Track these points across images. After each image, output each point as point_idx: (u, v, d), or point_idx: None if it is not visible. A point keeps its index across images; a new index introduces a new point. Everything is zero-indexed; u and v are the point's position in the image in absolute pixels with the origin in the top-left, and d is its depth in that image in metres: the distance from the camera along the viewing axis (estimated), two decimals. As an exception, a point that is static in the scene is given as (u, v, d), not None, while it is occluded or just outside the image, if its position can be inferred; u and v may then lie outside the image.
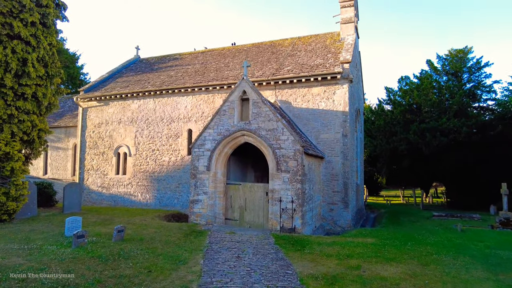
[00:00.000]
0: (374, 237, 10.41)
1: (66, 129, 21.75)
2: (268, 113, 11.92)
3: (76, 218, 9.09)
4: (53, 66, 13.87)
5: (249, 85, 12.36)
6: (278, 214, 11.39)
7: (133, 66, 23.48)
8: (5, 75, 12.01)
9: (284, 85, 15.62)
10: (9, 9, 12.14)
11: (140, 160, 18.59)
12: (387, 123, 27.85)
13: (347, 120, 14.54)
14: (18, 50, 12.19)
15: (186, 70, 19.90)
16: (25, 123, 12.63)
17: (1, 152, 11.62)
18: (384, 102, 31.44)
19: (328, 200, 14.67)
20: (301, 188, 11.24)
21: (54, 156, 22.00)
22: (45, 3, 13.20)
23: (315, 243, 9.21)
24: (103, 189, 19.44)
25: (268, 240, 9.69)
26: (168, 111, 18.16)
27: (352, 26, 17.79)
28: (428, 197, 33.58)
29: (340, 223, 14.50)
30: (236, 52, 20.74)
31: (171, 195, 17.66)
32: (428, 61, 29.06)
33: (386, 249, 8.68)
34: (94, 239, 8.52)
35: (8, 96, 12.17)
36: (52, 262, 6.36)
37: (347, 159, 14.50)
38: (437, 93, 26.81)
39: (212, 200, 12.68)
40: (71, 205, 13.97)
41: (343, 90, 14.70)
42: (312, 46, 18.23)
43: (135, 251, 7.61)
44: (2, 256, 6.61)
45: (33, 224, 10.97)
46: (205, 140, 12.92)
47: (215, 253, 8.10)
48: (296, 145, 11.39)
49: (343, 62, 14.82)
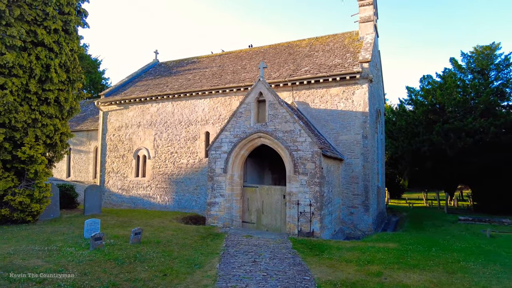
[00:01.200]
0: (396, 242, 10.01)
1: (88, 132, 22.31)
2: (285, 114, 11.74)
3: (94, 220, 9.21)
4: (75, 71, 14.23)
5: (265, 87, 12.23)
6: (295, 218, 11.16)
7: (152, 70, 23.86)
8: (30, 81, 12.39)
9: (302, 86, 15.40)
10: (34, 17, 12.52)
11: (159, 163, 18.79)
12: (409, 124, 27.03)
13: (367, 121, 14.15)
14: (41, 57, 12.55)
15: (204, 73, 20.01)
16: (48, 127, 12.98)
17: (25, 155, 11.96)
18: (405, 102, 30.60)
19: (348, 203, 14.30)
20: (319, 191, 10.97)
21: (76, 159, 22.61)
22: (67, 11, 13.57)
23: (334, 248, 8.93)
24: (123, 191, 19.78)
25: (285, 244, 9.49)
26: (186, 114, 18.29)
27: (371, 24, 17.36)
28: (453, 200, 32.32)
29: (360, 227, 14.10)
30: (253, 54, 20.68)
31: (189, 197, 17.74)
32: (451, 59, 28.04)
33: (408, 255, 8.30)
34: (112, 241, 8.59)
35: (32, 101, 12.55)
36: (69, 264, 6.43)
37: (367, 161, 14.10)
38: (461, 92, 25.78)
39: (229, 202, 12.60)
40: (92, 207, 14.24)
41: (363, 90, 14.33)
42: (330, 46, 17.92)
43: (151, 254, 7.60)
44: (22, 257, 6.74)
45: (55, 225, 11.23)
46: (222, 143, 12.88)
47: (231, 257, 7.99)
48: (314, 147, 11.14)
49: (363, 61, 14.45)
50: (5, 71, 11.78)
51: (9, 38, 11.73)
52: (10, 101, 11.62)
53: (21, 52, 12.16)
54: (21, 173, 12.43)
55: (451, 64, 28.17)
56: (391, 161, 32.23)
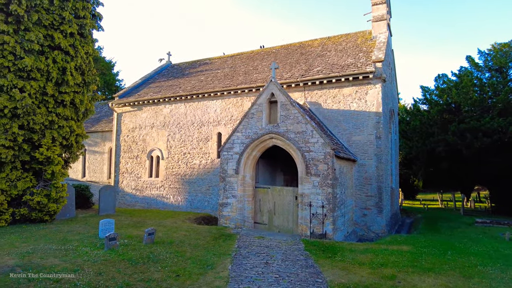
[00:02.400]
0: (410, 244, 9.84)
1: (102, 133, 22.72)
2: (297, 115, 11.69)
3: (109, 221, 9.37)
4: (90, 73, 14.50)
5: (277, 87, 12.20)
6: (308, 219, 11.11)
7: (165, 72, 24.12)
8: (47, 83, 12.69)
9: (314, 86, 15.31)
10: (51, 22, 12.81)
11: (172, 163, 18.99)
12: (423, 124, 26.53)
13: (380, 121, 13.97)
14: (58, 60, 12.84)
15: (216, 75, 20.11)
16: (64, 129, 13.27)
17: (43, 157, 12.26)
18: (419, 101, 30.02)
19: (361, 204, 14.14)
20: (332, 193, 10.89)
21: (91, 159, 23.06)
22: (82, 15, 13.84)
23: (346, 250, 8.85)
24: (136, 192, 20.06)
25: (297, 246, 9.45)
26: (198, 115, 18.42)
27: (384, 23, 17.13)
28: (469, 201, 31.54)
29: (373, 228, 13.93)
30: (265, 55, 20.67)
31: (202, 197, 17.87)
32: (468, 57, 27.36)
33: (423, 258, 8.14)
34: (126, 241, 8.73)
35: (49, 103, 12.85)
36: (85, 264, 6.56)
37: (381, 162, 13.91)
38: (478, 90, 25.11)
39: (241, 203, 12.63)
40: (106, 207, 14.50)
41: (376, 90, 14.15)
42: (343, 46, 17.76)
43: (165, 254, 7.69)
44: (41, 257, 6.92)
45: (71, 225, 11.48)
46: (234, 144, 12.92)
47: (243, 258, 8.00)
48: (326, 148, 11.06)
49: (376, 61, 14.27)
50: (24, 75, 12.11)
51: (28, 43, 12.05)
52: (29, 103, 11.93)
53: (38, 56, 12.46)
54: (39, 174, 12.76)
55: (468, 62, 27.49)
56: (405, 161, 31.70)
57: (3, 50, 11.69)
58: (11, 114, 11.83)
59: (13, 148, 11.92)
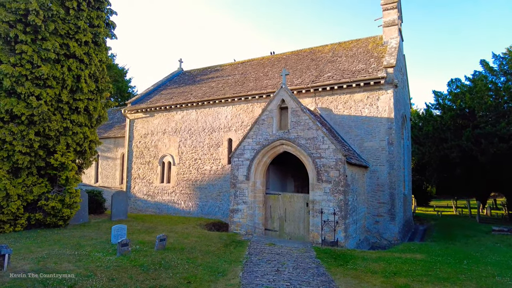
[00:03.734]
0: (424, 252, 9.64)
1: (115, 139, 23.07)
2: (308, 121, 11.67)
3: (121, 226, 9.48)
4: (103, 81, 14.79)
5: (288, 94, 12.22)
6: (319, 226, 11.01)
7: (176, 79, 24.42)
8: (62, 91, 12.96)
9: (324, 92, 15.27)
10: (67, 31, 13.13)
11: (183, 169, 19.12)
12: (436, 129, 26.11)
13: (392, 127, 13.82)
14: (73, 68, 13.13)
15: (226, 81, 20.26)
16: (78, 135, 13.52)
17: (57, 162, 12.51)
18: (432, 106, 29.61)
19: (373, 211, 13.95)
20: (343, 200, 10.78)
21: (104, 165, 23.40)
22: (96, 23, 14.15)
23: (359, 258, 8.72)
24: (148, 197, 20.24)
25: (309, 253, 9.37)
26: (209, 121, 18.55)
27: (395, 29, 17.03)
28: (485, 208, 30.77)
29: (386, 236, 13.71)
30: (275, 61, 20.75)
31: (212, 203, 17.91)
32: (482, 61, 26.88)
33: (438, 267, 7.96)
34: (138, 247, 8.80)
35: (64, 110, 13.13)
36: (98, 269, 6.63)
37: (393, 168, 13.73)
38: (493, 95, 24.61)
39: (251, 210, 12.61)
40: (118, 212, 14.66)
41: (388, 96, 14.02)
42: (353, 51, 17.70)
43: (176, 260, 7.72)
44: (55, 261, 7.04)
45: (84, 230, 11.64)
46: (244, 150, 12.95)
47: (254, 265, 7.97)
48: (338, 154, 10.99)
49: (387, 66, 14.17)
50: (40, 83, 12.41)
51: (45, 52, 12.36)
52: (45, 110, 12.21)
53: (54, 64, 12.76)
54: (53, 179, 13.00)
55: (482, 67, 26.99)
56: (418, 167, 31.20)
57: (22, 59, 12.02)
58: (28, 121, 12.12)
59: (29, 154, 12.19)
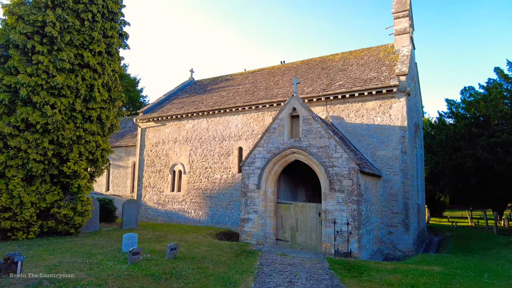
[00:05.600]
0: (441, 265, 9.32)
1: (127, 148, 23.27)
2: (320, 129, 11.56)
3: (132, 235, 9.45)
4: (116, 90, 14.98)
5: (299, 102, 12.16)
6: (332, 237, 10.79)
7: (187, 88, 24.65)
8: (76, 100, 13.15)
9: (336, 101, 15.16)
10: (81, 42, 13.39)
11: (193, 178, 19.12)
12: (450, 138, 25.65)
13: (405, 136, 13.59)
14: (87, 78, 13.34)
15: (237, 90, 20.34)
16: (90, 144, 13.66)
17: (70, 170, 12.62)
18: (445, 115, 29.19)
19: (386, 222, 13.65)
20: (357, 209, 10.57)
21: (115, 173, 23.58)
22: (110, 34, 14.42)
23: (373, 270, 8.48)
24: (159, 206, 20.26)
25: (322, 264, 9.16)
26: (220, 130, 18.58)
27: (407, 37, 16.91)
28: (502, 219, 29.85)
29: (400, 247, 13.36)
30: (286, 70, 20.78)
31: (223, 212, 17.80)
32: (496, 68, 26.45)
33: (457, 280, 7.67)
34: (149, 256, 8.73)
35: (77, 119, 13.30)
36: (109, 278, 6.57)
37: (407, 177, 13.46)
38: (509, 103, 24.14)
39: (262, 219, 12.46)
40: (129, 221, 14.67)
41: (400, 104, 13.84)
42: (365, 60, 17.60)
43: (187, 270, 7.62)
44: (67, 270, 7.01)
45: (95, 238, 11.64)
46: (255, 158, 12.88)
47: (266, 276, 7.81)
48: (351, 163, 10.82)
49: (399, 74, 14.02)
50: (55, 92, 12.63)
51: (60, 62, 12.61)
52: (59, 119, 12.39)
53: (69, 74, 13.00)
54: (66, 187, 13.11)
55: (496, 74, 26.56)
56: (431, 176, 30.59)
57: (38, 69, 12.28)
58: (42, 129, 12.31)
59: (43, 162, 12.34)
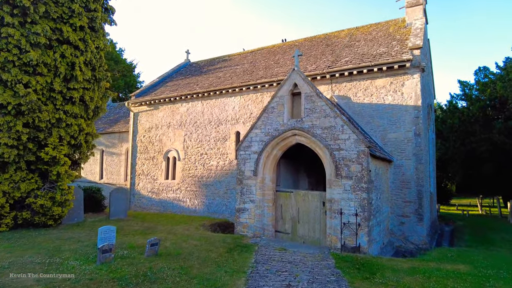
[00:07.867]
0: (466, 263, 8.05)
1: (120, 134, 22.05)
2: (324, 107, 10.16)
3: (109, 228, 8.23)
4: (101, 69, 13.68)
5: (301, 77, 10.74)
6: (338, 229, 9.52)
7: (183, 70, 23.23)
8: (55, 79, 11.91)
9: (342, 78, 13.71)
10: (60, 15, 12.07)
11: (188, 165, 17.90)
12: (463, 122, 24.10)
13: (419, 116, 12.18)
14: (67, 55, 12.07)
15: (235, 71, 18.91)
16: (72, 127, 12.47)
17: (48, 156, 11.45)
18: (457, 97, 27.52)
19: (397, 211, 12.37)
20: (366, 198, 9.26)
21: (109, 161, 22.44)
22: (93, 7, 13.07)
23: (387, 269, 7.24)
24: (153, 194, 19.13)
25: (326, 261, 7.93)
26: (216, 113, 17.25)
27: (420, 9, 15.33)
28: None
29: (412, 239, 12.12)
30: (287, 48, 19.26)
31: (220, 201, 16.62)
32: (513, 47, 24.70)
33: (491, 284, 6.38)
34: (125, 252, 7.55)
35: (57, 100, 12.08)
36: (63, 284, 5.38)
37: (420, 162, 12.11)
38: (528, 84, 22.49)
39: (260, 209, 11.23)
40: (117, 211, 13.55)
41: (414, 81, 12.39)
42: (373, 35, 16.05)
43: (166, 271, 6.41)
44: (17, 271, 5.84)
45: (75, 230, 10.52)
46: (252, 142, 11.57)
47: (261, 277, 6.60)
48: (360, 145, 9.47)
49: (413, 48, 12.51)
50: (29, 70, 11.37)
51: (34, 36, 11.32)
52: (34, 99, 11.16)
53: (46, 50, 11.73)
54: (45, 175, 11.97)
55: (513, 54, 24.84)
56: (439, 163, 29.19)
57: (8, 43, 11.03)
58: (15, 111, 11.12)
59: (17, 147, 11.17)
